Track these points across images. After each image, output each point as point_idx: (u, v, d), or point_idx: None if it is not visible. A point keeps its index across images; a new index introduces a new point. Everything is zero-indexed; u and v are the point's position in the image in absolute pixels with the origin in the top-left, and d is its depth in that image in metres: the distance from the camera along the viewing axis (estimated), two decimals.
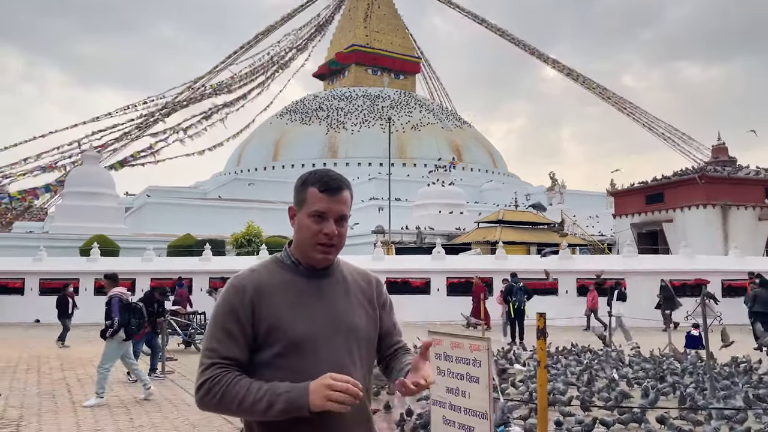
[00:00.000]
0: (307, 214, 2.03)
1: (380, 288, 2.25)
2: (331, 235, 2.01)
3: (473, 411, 2.97)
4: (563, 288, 22.13)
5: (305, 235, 2.03)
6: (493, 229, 33.02)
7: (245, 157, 63.94)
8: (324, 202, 2.01)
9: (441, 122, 66.81)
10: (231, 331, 1.95)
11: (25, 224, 49.96)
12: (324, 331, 1.99)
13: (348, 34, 77.39)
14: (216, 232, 34.29)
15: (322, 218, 2.01)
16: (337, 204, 2.03)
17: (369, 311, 2.16)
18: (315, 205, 2.01)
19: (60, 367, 12.32)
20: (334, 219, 2.02)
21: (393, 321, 2.26)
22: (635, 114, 65.00)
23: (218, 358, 1.92)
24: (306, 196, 2.04)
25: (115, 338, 8.97)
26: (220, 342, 1.94)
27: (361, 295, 2.16)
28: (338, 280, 2.12)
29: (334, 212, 2.02)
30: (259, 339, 1.97)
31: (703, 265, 22.41)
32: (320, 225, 2.01)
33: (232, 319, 1.95)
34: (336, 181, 2.06)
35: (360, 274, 2.23)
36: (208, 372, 1.91)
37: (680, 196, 34.42)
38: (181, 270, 23.44)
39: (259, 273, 2.05)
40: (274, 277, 2.04)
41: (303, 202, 2.06)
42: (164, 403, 8.92)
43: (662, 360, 11.35)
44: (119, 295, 9.22)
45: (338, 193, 2.04)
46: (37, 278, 23.02)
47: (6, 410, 8.39)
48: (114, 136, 54.76)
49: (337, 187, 2.04)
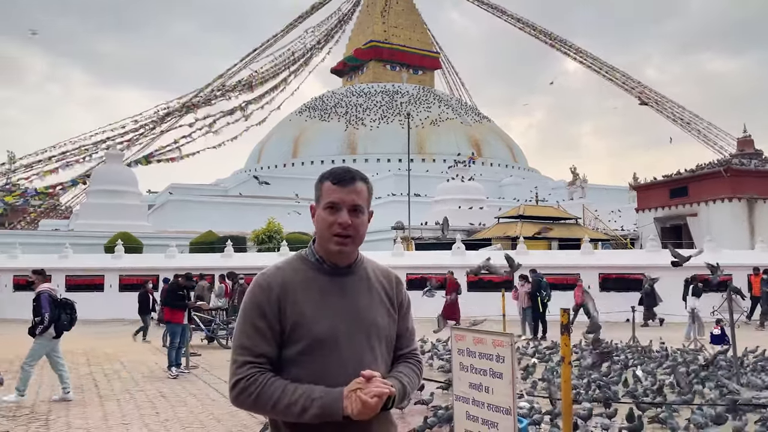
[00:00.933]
0: (323, 208, 2.07)
1: (400, 287, 2.27)
2: (345, 225, 2.03)
3: (497, 407, 2.97)
4: (586, 283, 21.88)
5: (322, 227, 2.07)
6: (513, 225, 32.81)
7: (265, 154, 64.34)
8: (336, 193, 2.06)
9: (460, 117, 66.50)
10: (259, 327, 1.99)
11: (50, 222, 50.87)
12: (347, 328, 2.02)
13: (366, 30, 77.32)
14: (237, 229, 34.59)
15: (335, 209, 2.05)
16: (349, 194, 2.06)
17: (390, 309, 2.18)
18: (328, 197, 2.06)
19: (87, 362, 12.55)
20: (348, 209, 2.05)
21: (406, 325, 2.27)
22: (661, 103, 63.85)
23: (250, 356, 1.96)
24: (322, 190, 2.10)
25: (45, 335, 8.82)
26: (249, 338, 1.98)
27: (383, 293, 2.18)
28: (361, 278, 2.15)
29: (347, 202, 2.05)
30: (285, 335, 2.00)
31: (729, 260, 22.00)
32: (334, 216, 2.05)
33: (260, 316, 1.99)
34: (349, 173, 2.10)
35: (382, 272, 2.25)
36: (242, 371, 1.95)
37: (705, 190, 33.84)
38: (203, 266, 23.69)
39: (284, 270, 2.08)
40: (299, 274, 2.08)
41: (319, 197, 2.11)
42: (189, 398, 9.04)
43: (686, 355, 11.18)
44: (48, 291, 9.04)
45: (350, 184, 2.07)
46: (63, 275, 23.45)
47: (36, 404, 8.58)
48: (139, 133, 55.50)
49: (350, 179, 2.08)
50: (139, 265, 24.15)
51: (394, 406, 2.01)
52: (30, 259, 25.10)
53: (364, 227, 2.12)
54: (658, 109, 63.93)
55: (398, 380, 2.07)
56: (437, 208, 40.67)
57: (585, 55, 69.70)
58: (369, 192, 2.15)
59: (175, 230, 37.19)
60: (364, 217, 2.11)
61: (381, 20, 76.35)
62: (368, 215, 2.14)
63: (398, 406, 2.12)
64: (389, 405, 1.96)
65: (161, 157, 52.16)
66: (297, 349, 1.99)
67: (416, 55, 77.65)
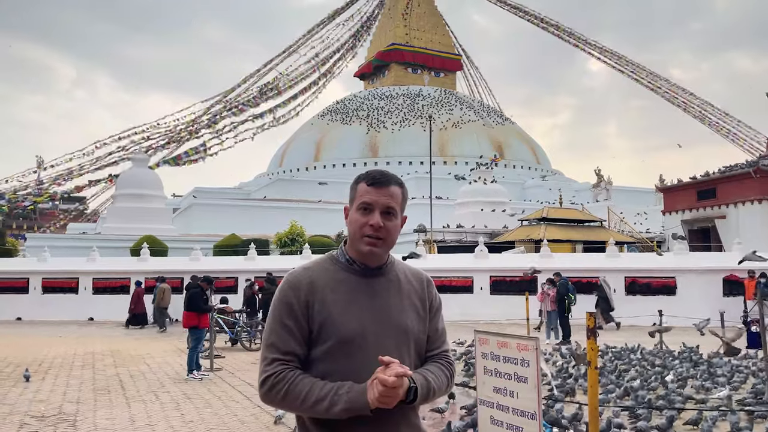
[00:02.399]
0: (356, 209, 2.07)
1: (431, 289, 2.25)
2: (377, 226, 2.03)
3: (522, 411, 2.93)
4: (611, 287, 21.60)
5: (354, 228, 2.07)
6: (537, 227, 32.52)
7: (287, 157, 64.77)
8: (370, 194, 2.05)
9: (482, 119, 66.17)
10: (288, 326, 2.00)
11: (78, 225, 51.86)
12: (375, 329, 2.01)
13: (388, 33, 77.41)
14: (260, 232, 34.85)
15: (368, 210, 2.05)
16: (383, 196, 2.06)
17: (420, 312, 2.16)
18: (362, 197, 2.06)
19: (113, 363, 12.73)
20: (381, 211, 2.05)
21: (437, 326, 2.23)
22: (689, 102, 62.67)
23: (279, 354, 1.97)
24: (357, 191, 2.10)
25: None
26: (279, 336, 1.99)
27: (414, 295, 2.16)
28: (391, 280, 2.13)
29: (381, 204, 2.05)
30: (313, 334, 2.00)
31: (759, 263, 21.52)
32: (366, 217, 2.04)
33: (289, 314, 2.00)
34: (385, 175, 2.10)
35: (413, 274, 2.23)
36: (271, 368, 1.96)
37: (733, 192, 33.14)
38: (227, 269, 23.92)
39: (313, 270, 2.08)
40: (328, 274, 2.08)
41: (353, 199, 2.11)
42: (213, 399, 9.11)
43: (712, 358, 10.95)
44: None
45: (385, 186, 2.07)
46: (90, 278, 23.86)
47: (63, 405, 8.72)
48: (169, 137, 56.36)
49: (385, 181, 2.08)
50: (163, 267, 24.47)
51: (417, 401, 1.95)
52: (58, 262, 25.60)
53: (396, 231, 2.10)
54: (685, 109, 62.86)
55: (422, 375, 2.02)
56: (460, 210, 40.49)
57: (610, 54, 68.88)
58: (404, 197, 2.14)
59: (199, 233, 37.62)
60: (397, 221, 2.10)
61: (402, 23, 76.40)
62: (402, 220, 2.13)
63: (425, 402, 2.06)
64: (410, 397, 1.91)
65: (188, 159, 52.83)
66: (324, 348, 1.98)
67: (438, 58, 77.49)
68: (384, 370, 1.85)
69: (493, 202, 40.50)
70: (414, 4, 78.57)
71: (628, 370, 10.15)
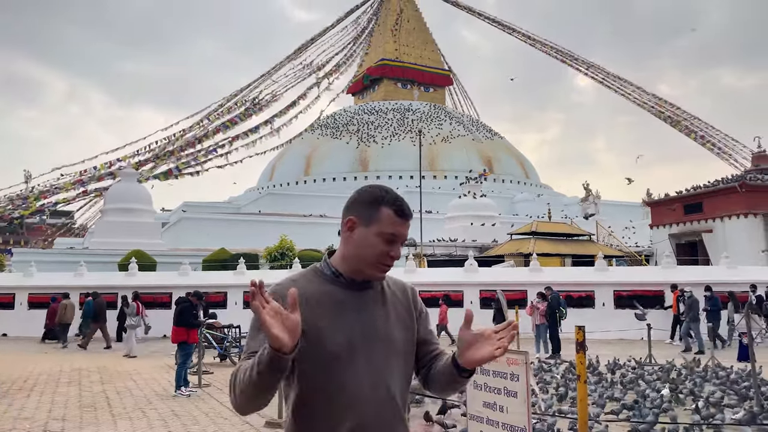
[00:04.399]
0: (376, 233, 2.03)
1: (416, 297, 2.27)
2: (397, 258, 2.08)
3: (511, 426, 2.93)
4: (600, 300, 21.70)
5: (369, 252, 2.03)
6: (526, 241, 32.63)
7: (278, 171, 64.74)
8: (398, 227, 2.06)
9: (471, 134, 66.59)
10: None
11: (66, 240, 51.32)
12: (362, 342, 2.00)
13: (378, 49, 77.98)
14: (250, 246, 34.66)
15: (393, 242, 2.05)
16: (406, 229, 2.10)
17: (407, 323, 2.17)
18: (389, 227, 2.04)
19: (100, 380, 12.57)
20: (400, 243, 2.09)
21: (429, 329, 2.29)
22: (675, 116, 63.31)
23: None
24: (380, 215, 2.04)
25: None
26: (259, 343, 1.90)
27: (399, 306, 2.17)
28: (377, 292, 2.14)
29: (403, 237, 2.09)
30: (299, 347, 1.93)
31: (745, 277, 21.72)
32: (389, 247, 2.05)
33: None
34: (408, 208, 2.12)
35: (396, 285, 2.24)
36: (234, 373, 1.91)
37: (720, 206, 33.49)
38: (216, 284, 23.76)
39: (299, 282, 2.06)
40: (314, 286, 2.06)
41: (374, 221, 2.04)
42: (201, 416, 9.01)
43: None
44: None
45: (409, 219, 2.11)
46: (78, 293, 23.58)
47: (49, 423, 8.59)
48: (158, 152, 56.09)
49: (410, 214, 2.11)
50: (152, 282, 24.25)
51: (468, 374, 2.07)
52: (45, 277, 25.30)
53: None
54: (671, 124, 63.53)
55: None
56: (449, 224, 40.57)
57: (596, 70, 69.71)
58: None
59: (188, 248, 37.36)
60: None
61: (392, 39, 76.99)
62: None
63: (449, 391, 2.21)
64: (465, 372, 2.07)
65: (179, 174, 52.58)
66: (311, 362, 1.95)
67: (427, 73, 78.09)
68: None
69: (483, 216, 40.64)
70: (403, 20, 79.27)
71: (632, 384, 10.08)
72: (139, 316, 18.40)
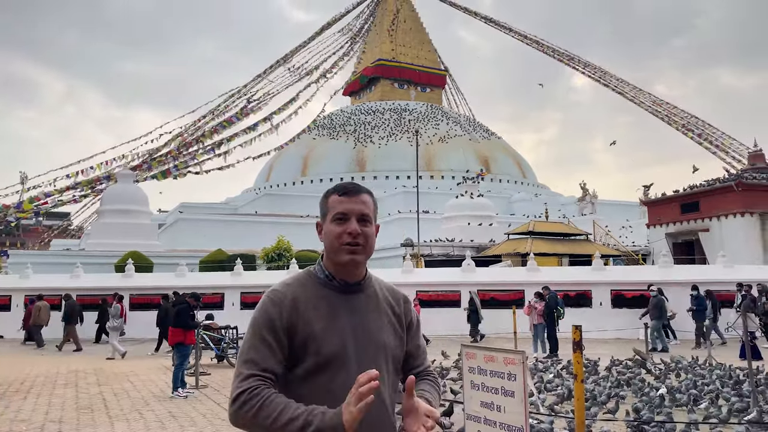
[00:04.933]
0: (331, 220, 2.09)
1: (408, 306, 2.27)
2: (355, 234, 2.05)
3: (509, 426, 2.93)
4: (597, 300, 21.74)
5: (331, 240, 2.08)
6: (523, 241, 32.66)
7: (275, 172, 64.66)
8: (344, 204, 2.08)
9: (468, 134, 66.61)
10: (269, 342, 1.96)
11: (62, 242, 51.19)
12: (355, 347, 2.00)
13: (374, 49, 78.00)
14: (247, 247, 34.64)
15: (344, 219, 2.07)
16: (357, 204, 2.09)
17: (397, 329, 2.17)
18: (336, 208, 2.08)
19: (96, 382, 12.53)
20: (356, 218, 2.07)
21: (418, 343, 2.27)
22: (672, 115, 63.40)
23: (257, 370, 1.91)
24: (329, 204, 2.12)
25: None
26: (258, 352, 1.94)
27: (391, 312, 2.17)
28: (370, 296, 2.14)
29: (356, 212, 2.07)
30: (293, 352, 1.97)
31: (742, 275, 21.77)
32: (343, 226, 2.06)
33: (271, 330, 1.97)
34: (355, 186, 2.14)
35: (390, 291, 2.25)
36: (246, 383, 1.88)
37: (716, 205, 33.57)
38: (213, 285, 23.73)
39: (294, 287, 2.07)
40: (308, 290, 2.06)
41: (326, 212, 2.12)
42: (198, 417, 8.99)
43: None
44: None
45: (357, 195, 2.11)
46: (74, 295, 23.52)
47: (45, 425, 8.56)
48: (159, 152, 55.97)
49: (356, 190, 2.12)
50: (149, 284, 24.21)
51: None
52: (41, 278, 25.23)
53: (372, 238, 2.12)
54: (669, 123, 63.64)
55: (425, 398, 2.06)
56: (446, 224, 40.58)
57: (594, 70, 69.79)
58: (375, 205, 2.17)
59: (185, 249, 37.31)
60: (372, 228, 2.12)
61: (389, 39, 77.00)
62: (375, 228, 2.14)
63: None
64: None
65: (178, 173, 52.43)
66: (305, 367, 1.96)
67: (424, 73, 78.08)
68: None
69: (480, 216, 40.65)
70: (400, 21, 79.27)
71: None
72: (122, 318, 18.26)
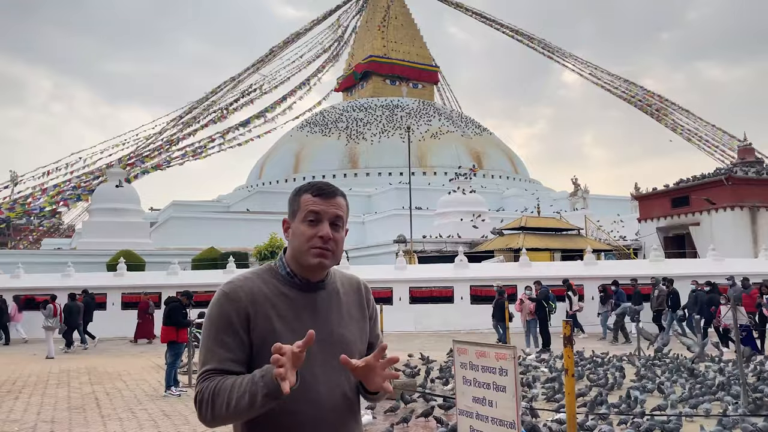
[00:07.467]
0: (301, 220, 2.01)
1: (368, 295, 2.23)
2: (326, 238, 1.97)
3: (501, 420, 2.95)
4: (588, 294, 21.84)
5: (300, 240, 2.00)
6: (515, 236, 32.77)
7: (267, 169, 64.50)
8: (318, 204, 2.00)
9: (460, 130, 66.67)
10: (227, 343, 1.89)
11: (53, 241, 50.93)
12: (318, 347, 1.89)
13: (365, 45, 77.86)
14: (239, 245, 34.56)
15: (316, 221, 1.99)
16: (331, 207, 2.01)
17: (360, 322, 2.14)
18: (309, 207, 2.00)
19: (89, 381, 12.49)
20: (329, 222, 2.00)
21: (376, 332, 2.23)
22: (665, 108, 63.62)
23: (214, 374, 1.85)
24: (300, 203, 2.03)
25: None
26: (215, 356, 1.88)
27: (353, 306, 2.13)
28: (331, 293, 2.08)
29: (330, 214, 2.00)
30: (254, 350, 1.91)
31: (732, 269, 21.94)
32: (315, 228, 1.98)
33: (227, 329, 1.90)
34: (330, 186, 2.06)
35: (350, 282, 2.19)
36: (200, 386, 1.84)
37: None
38: (205, 283, 23.66)
39: (252, 281, 2.00)
40: (268, 287, 2.00)
41: (297, 210, 2.04)
42: (192, 416, 8.98)
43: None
44: None
45: (332, 197, 2.03)
46: (65, 294, 23.40)
47: (38, 425, 8.53)
48: (148, 147, 55.79)
49: (331, 192, 2.04)
50: (141, 282, 24.11)
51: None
52: (32, 278, 25.08)
53: (342, 244, 2.06)
54: (658, 118, 63.94)
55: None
56: (439, 220, 40.64)
57: (583, 65, 70.01)
58: (347, 208, 2.10)
59: (177, 247, 37.16)
60: (343, 232, 2.06)
61: (380, 35, 76.87)
62: (345, 232, 2.08)
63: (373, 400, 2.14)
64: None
65: (168, 166, 52.29)
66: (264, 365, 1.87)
67: (416, 69, 78.04)
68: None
69: (472, 211, 40.72)
70: (391, 17, 79.14)
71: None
72: (56, 318, 18.14)
